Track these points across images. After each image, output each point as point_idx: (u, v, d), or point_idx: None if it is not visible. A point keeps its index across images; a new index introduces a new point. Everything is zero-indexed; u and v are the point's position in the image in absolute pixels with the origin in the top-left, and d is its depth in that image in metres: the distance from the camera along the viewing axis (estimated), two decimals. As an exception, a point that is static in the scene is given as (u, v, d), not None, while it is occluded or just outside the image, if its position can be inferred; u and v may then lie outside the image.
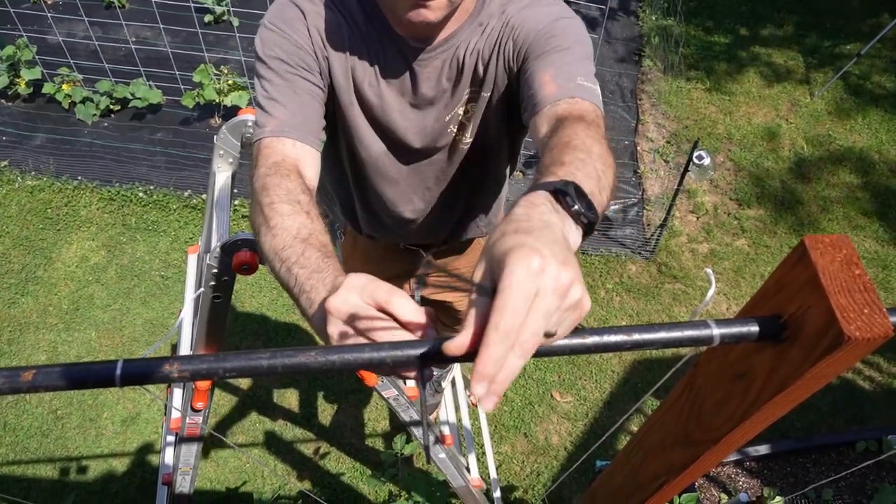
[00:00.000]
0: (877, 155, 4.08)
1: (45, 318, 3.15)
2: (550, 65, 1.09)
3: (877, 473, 2.62)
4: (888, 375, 3.09)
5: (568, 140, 0.89)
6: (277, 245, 0.92)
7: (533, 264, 0.56)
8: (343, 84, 1.24)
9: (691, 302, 3.35)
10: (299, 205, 0.97)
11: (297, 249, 0.89)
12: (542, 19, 1.15)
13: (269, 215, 0.96)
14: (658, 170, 3.93)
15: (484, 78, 1.25)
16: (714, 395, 0.80)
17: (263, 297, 3.26)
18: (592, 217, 0.71)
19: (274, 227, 0.94)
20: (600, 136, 0.93)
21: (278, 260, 0.91)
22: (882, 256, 3.57)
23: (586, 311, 0.60)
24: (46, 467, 2.71)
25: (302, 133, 1.12)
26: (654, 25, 4.84)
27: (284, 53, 1.14)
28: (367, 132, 1.33)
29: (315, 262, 0.86)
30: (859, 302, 0.58)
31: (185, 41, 4.21)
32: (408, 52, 1.21)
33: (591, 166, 0.82)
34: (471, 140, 1.37)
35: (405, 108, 1.30)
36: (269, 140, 1.10)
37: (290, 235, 0.92)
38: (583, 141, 0.88)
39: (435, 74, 1.24)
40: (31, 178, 3.67)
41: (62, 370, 0.59)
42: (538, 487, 2.74)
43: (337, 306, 0.70)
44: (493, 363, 0.55)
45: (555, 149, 0.88)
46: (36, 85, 3.97)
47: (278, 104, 1.13)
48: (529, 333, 0.55)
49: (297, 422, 2.88)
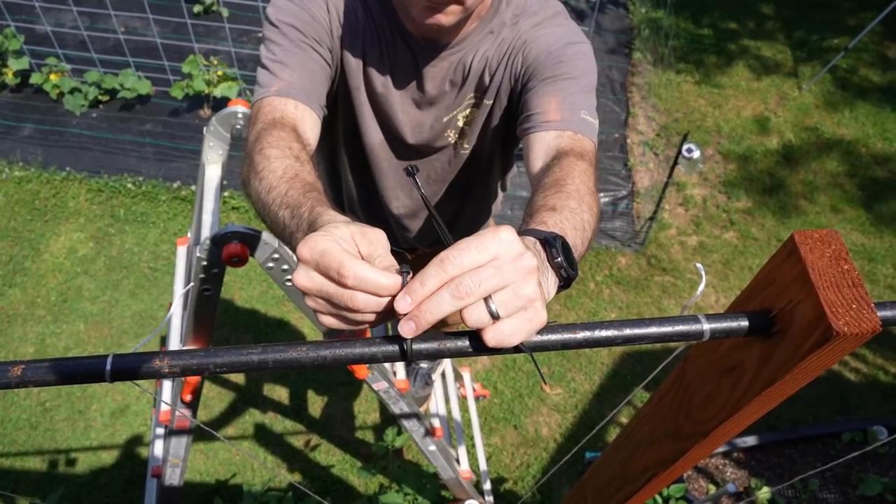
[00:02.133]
0: (864, 148, 4.10)
1: (33, 310, 3.13)
2: (557, 92, 1.10)
3: (861, 463, 2.65)
4: (873, 367, 3.12)
5: (563, 183, 0.90)
6: (263, 189, 0.90)
7: (503, 235, 0.59)
8: (353, 67, 1.23)
9: (680, 294, 3.36)
10: (290, 150, 0.95)
11: (281, 190, 0.87)
12: (553, 41, 1.15)
13: (258, 161, 0.94)
14: (648, 162, 3.94)
15: (489, 86, 1.24)
16: (703, 389, 0.80)
17: (253, 289, 3.25)
18: (572, 274, 0.71)
19: (261, 171, 0.92)
20: (593, 181, 0.95)
21: (262, 205, 0.89)
22: (868, 249, 3.60)
23: (541, 323, 0.61)
24: (35, 460, 2.70)
25: (308, 97, 1.10)
26: (643, 18, 4.84)
27: (300, 22, 1.12)
28: (369, 119, 1.33)
29: (296, 198, 0.84)
30: (848, 297, 0.58)
31: (175, 32, 4.18)
32: (417, 51, 1.21)
33: (580, 217, 0.84)
34: (469, 147, 1.37)
35: (406, 103, 1.29)
36: (271, 99, 1.08)
37: (276, 177, 0.89)
38: (577, 187, 0.89)
39: (440, 75, 1.24)
40: (19, 169, 3.64)
41: (51, 365, 0.58)
42: (528, 479, 2.75)
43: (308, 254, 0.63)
44: (423, 284, 0.57)
45: (550, 189, 0.89)
46: (24, 75, 3.94)
47: (286, 67, 1.10)
48: (472, 280, 0.57)
49: (287, 414, 2.88)
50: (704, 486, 2.61)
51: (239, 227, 1.18)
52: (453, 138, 1.36)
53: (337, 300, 0.62)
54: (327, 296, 0.62)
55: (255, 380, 2.96)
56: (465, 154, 1.39)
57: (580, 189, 0.89)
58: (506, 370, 3.06)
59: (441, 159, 1.42)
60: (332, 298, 0.62)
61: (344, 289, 0.61)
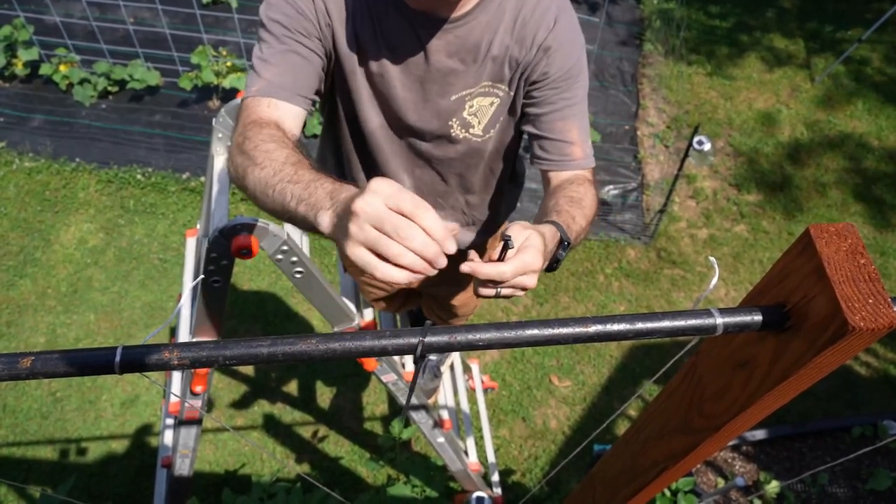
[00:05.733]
0: (876, 141, 4.06)
1: (43, 301, 3.14)
2: (574, 117, 1.28)
3: (871, 458, 2.64)
4: (884, 361, 3.10)
5: (580, 199, 1.20)
6: (267, 174, 0.95)
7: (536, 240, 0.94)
8: (346, 52, 1.22)
9: (690, 287, 3.35)
10: (284, 143, 1.01)
11: (288, 171, 0.93)
12: (574, 54, 1.25)
13: (254, 154, 0.99)
14: (658, 155, 3.91)
15: (511, 79, 1.26)
16: (715, 383, 0.79)
17: (262, 280, 3.26)
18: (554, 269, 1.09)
19: (261, 162, 0.97)
20: (597, 198, 1.27)
21: (269, 187, 0.94)
22: (880, 242, 3.57)
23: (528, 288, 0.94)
24: (46, 449, 2.71)
25: (288, 93, 1.13)
26: (655, 9, 4.80)
27: (285, 18, 1.14)
28: (368, 103, 1.32)
29: (309, 175, 0.91)
30: (864, 292, 0.57)
31: (184, 22, 4.18)
32: (417, 25, 1.18)
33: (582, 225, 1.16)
34: (482, 135, 1.35)
35: (408, 79, 1.27)
36: (249, 101, 1.12)
37: (280, 162, 0.95)
38: (590, 205, 1.21)
39: (446, 49, 1.21)
40: (29, 160, 3.65)
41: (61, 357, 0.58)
42: (536, 471, 2.75)
43: (363, 207, 0.73)
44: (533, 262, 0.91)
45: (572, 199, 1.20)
46: (33, 66, 3.94)
47: (269, 65, 1.14)
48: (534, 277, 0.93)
49: (296, 405, 2.89)
50: (713, 479, 2.60)
51: (248, 219, 1.18)
52: (463, 124, 1.34)
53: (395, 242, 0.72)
54: (381, 243, 0.72)
55: (264, 371, 2.97)
56: (476, 141, 1.37)
57: (593, 208, 1.23)
58: (514, 362, 3.06)
59: (447, 143, 1.39)
60: (383, 246, 0.72)
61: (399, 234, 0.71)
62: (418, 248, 0.72)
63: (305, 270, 1.32)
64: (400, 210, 0.72)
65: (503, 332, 0.62)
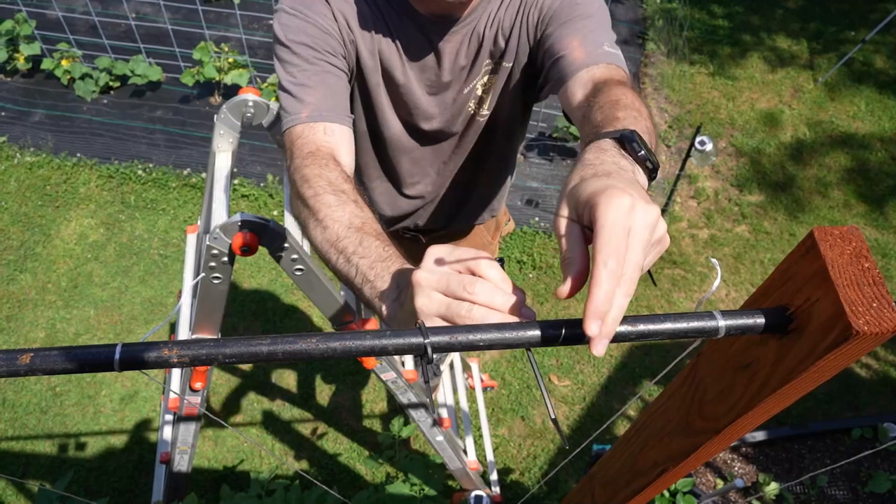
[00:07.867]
0: (879, 142, 4.06)
1: (43, 296, 3.14)
2: (577, 31, 1.11)
3: (871, 460, 2.63)
4: (885, 363, 3.10)
5: (617, 99, 0.91)
6: (331, 237, 0.92)
7: (624, 203, 0.58)
8: (371, 66, 1.23)
9: (691, 288, 3.34)
10: (345, 194, 0.97)
11: (353, 240, 0.90)
12: None
13: (317, 207, 0.95)
14: (660, 154, 3.90)
15: (505, 48, 1.24)
16: (717, 385, 0.79)
17: (262, 277, 3.26)
18: (656, 163, 0.76)
19: (323, 220, 0.94)
20: (643, 100, 0.95)
21: (335, 251, 0.91)
22: (882, 244, 3.57)
23: (667, 245, 0.65)
24: (45, 444, 2.71)
25: (339, 115, 1.11)
26: (657, 8, 4.80)
27: (310, 38, 1.12)
28: (389, 113, 1.33)
29: (376, 251, 0.87)
30: (868, 296, 0.57)
31: (186, 18, 4.17)
32: (430, 31, 1.20)
33: (643, 124, 0.85)
34: (488, 112, 1.36)
35: (427, 86, 1.29)
36: (301, 128, 1.08)
37: (343, 226, 0.92)
38: (631, 101, 0.91)
39: (455, 49, 1.23)
40: (30, 155, 3.65)
41: (60, 353, 0.58)
42: (535, 470, 2.75)
43: (425, 276, 0.69)
44: (606, 299, 0.57)
45: (605, 106, 0.91)
46: (35, 60, 3.94)
47: (309, 89, 1.10)
48: (632, 268, 0.58)
49: (295, 402, 2.89)
50: (712, 480, 2.60)
51: (249, 216, 1.18)
52: (473, 108, 1.35)
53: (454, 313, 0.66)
54: (448, 312, 0.67)
55: (263, 368, 2.97)
56: (484, 120, 1.37)
57: (634, 103, 0.90)
58: (514, 361, 3.06)
59: (462, 131, 1.41)
60: (450, 315, 0.66)
61: (464, 303, 0.66)
62: (486, 301, 0.67)
63: (306, 268, 1.31)
64: (464, 266, 0.69)
65: (504, 332, 0.62)
